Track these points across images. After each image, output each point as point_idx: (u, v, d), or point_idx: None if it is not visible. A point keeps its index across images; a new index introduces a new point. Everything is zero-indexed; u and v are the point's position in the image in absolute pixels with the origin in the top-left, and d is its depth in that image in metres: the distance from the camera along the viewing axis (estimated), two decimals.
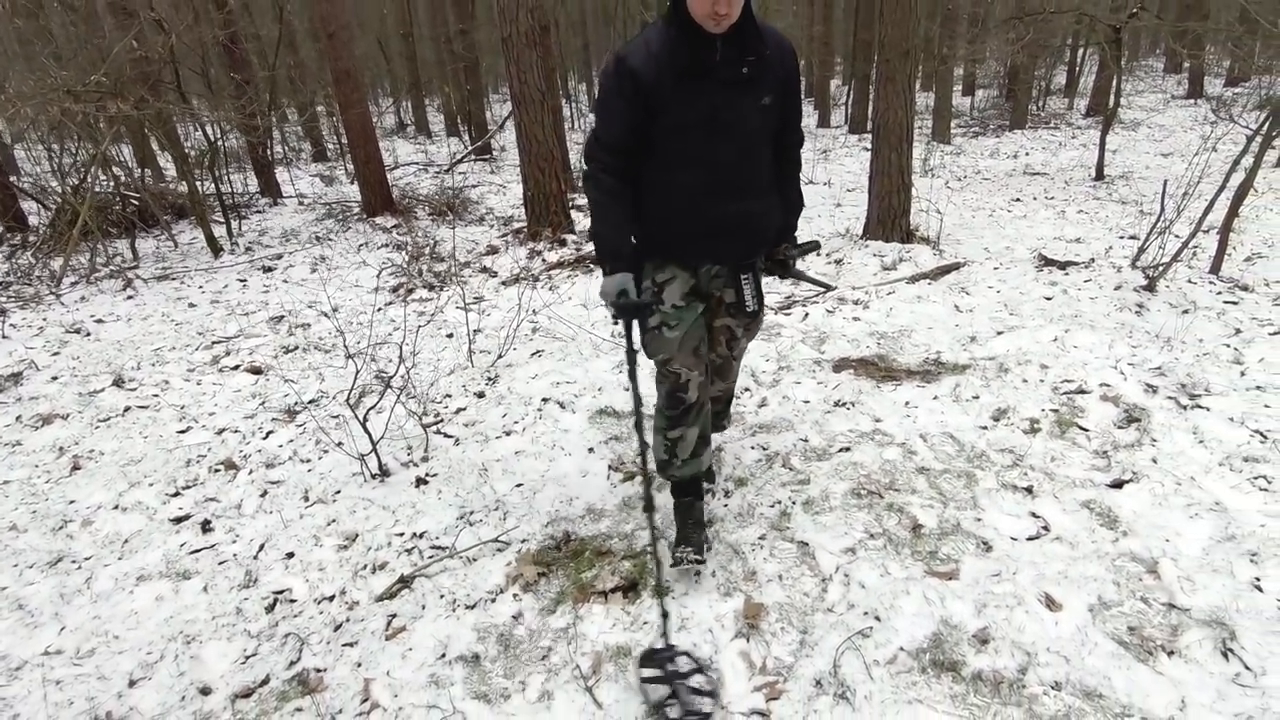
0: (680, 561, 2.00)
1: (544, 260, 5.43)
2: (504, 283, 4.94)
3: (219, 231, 6.74)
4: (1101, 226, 5.89)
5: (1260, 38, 12.43)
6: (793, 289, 4.52)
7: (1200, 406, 2.75)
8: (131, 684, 1.83)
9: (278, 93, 10.94)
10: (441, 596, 2.06)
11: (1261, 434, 2.55)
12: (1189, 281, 4.22)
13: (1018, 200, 6.93)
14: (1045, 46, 11.67)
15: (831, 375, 3.30)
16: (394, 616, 2.00)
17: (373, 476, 2.65)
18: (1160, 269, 4.16)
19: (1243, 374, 3.06)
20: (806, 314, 4.08)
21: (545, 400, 3.16)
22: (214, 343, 4.19)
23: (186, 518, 2.51)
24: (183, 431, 3.13)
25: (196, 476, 2.77)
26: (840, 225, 5.99)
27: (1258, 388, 2.91)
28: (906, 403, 3.00)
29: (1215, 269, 4.40)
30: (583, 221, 6.42)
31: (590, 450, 2.78)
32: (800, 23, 18.00)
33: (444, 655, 1.86)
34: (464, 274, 5.25)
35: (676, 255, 1.97)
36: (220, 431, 3.09)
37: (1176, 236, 4.49)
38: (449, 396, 3.26)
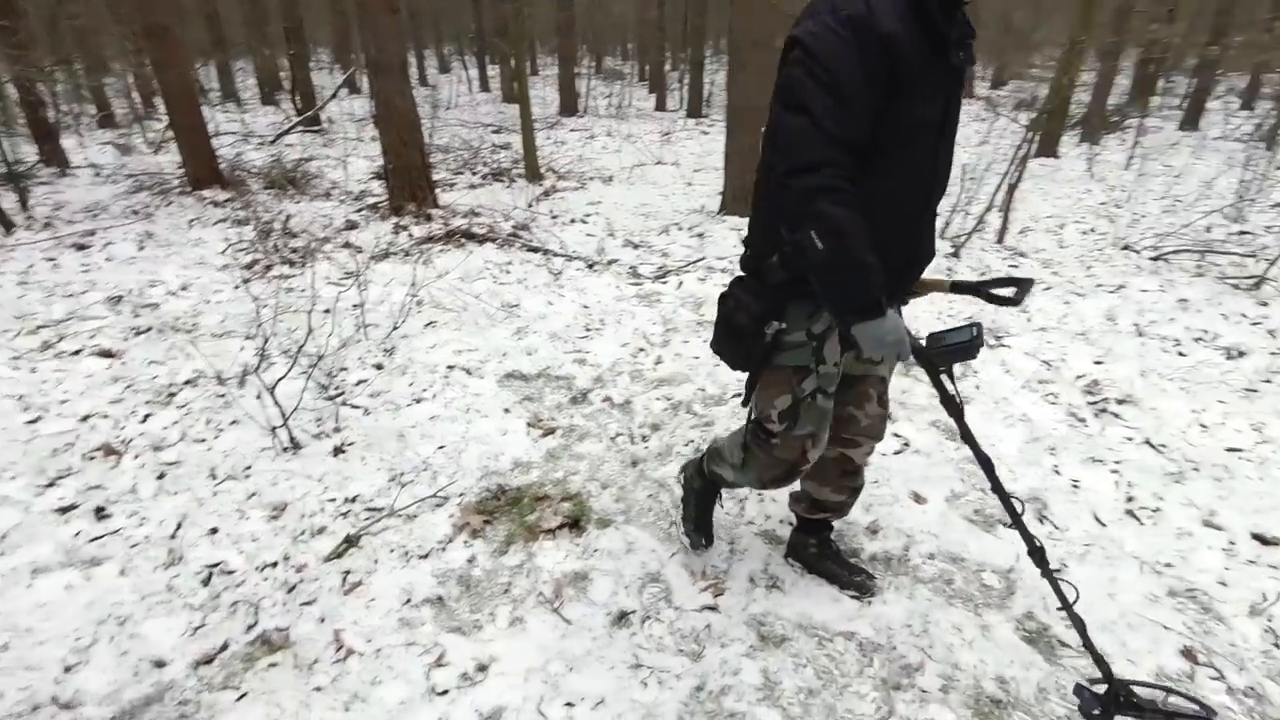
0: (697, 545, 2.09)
1: (411, 235, 5.32)
2: (373, 258, 4.80)
3: (7, 205, 5.80)
4: None
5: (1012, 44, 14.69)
6: (680, 266, 4.84)
7: (1004, 345, 3.44)
8: (68, 669, 1.72)
9: (61, 45, 9.42)
10: (392, 551, 2.12)
11: (1048, 363, 3.26)
12: (982, 250, 5.10)
13: None
14: None
15: None
16: (348, 573, 2.03)
17: (284, 450, 2.58)
18: (963, 239, 5.00)
19: (1029, 320, 3.83)
20: (681, 282, 4.42)
21: (451, 368, 3.21)
22: (39, 327, 3.70)
23: (73, 507, 2.30)
24: (32, 421, 2.81)
25: (70, 466, 2.52)
26: (695, 203, 6.42)
27: (1040, 329, 3.67)
28: None
29: (1000, 239, 5.34)
30: (467, 198, 6.31)
31: (506, 410, 2.90)
32: (633, 7, 18.48)
33: (409, 600, 1.94)
34: (325, 249, 5.01)
35: None
36: (86, 418, 2.81)
37: (970, 214, 5.39)
38: (344, 370, 3.20)
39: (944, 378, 1.47)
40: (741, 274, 1.63)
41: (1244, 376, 3.23)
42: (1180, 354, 3.47)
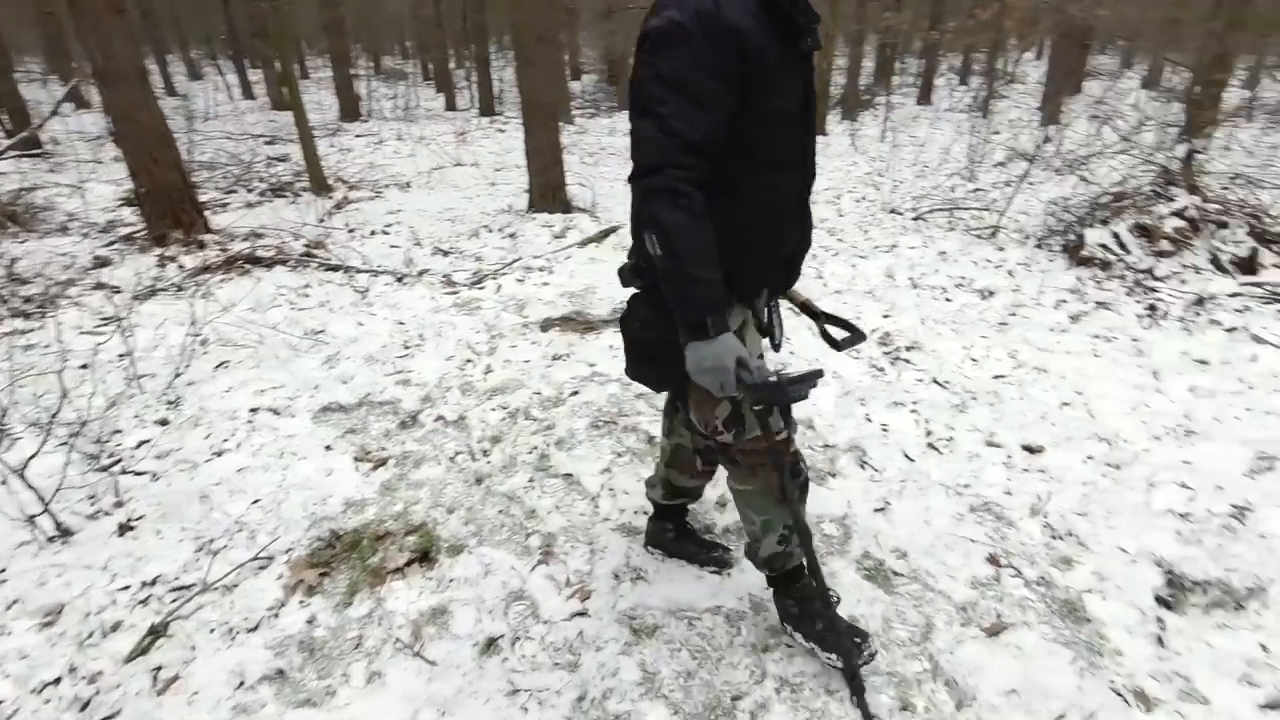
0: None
1: (181, 267, 4.66)
2: (136, 297, 4.14)
3: None
4: None
5: None
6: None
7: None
8: None
9: None
10: (212, 631, 1.85)
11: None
12: None
13: None
14: (635, 37, 13.45)
15: (541, 335, 3.60)
16: (159, 669, 1.74)
17: (51, 540, 2.15)
18: None
19: (824, 285, 4.19)
20: (500, 286, 4.30)
21: (254, 411, 2.86)
22: None
23: None
24: None
25: None
26: (502, 203, 6.29)
27: (836, 292, 4.04)
28: (610, 346, 3.45)
29: None
30: (246, 218, 5.61)
31: (328, 448, 2.64)
32: (407, 3, 17.60)
33: (242, 683, 1.70)
34: (70, 294, 4.24)
35: (753, 288, 1.47)
36: None
37: None
38: (118, 433, 2.73)
39: (770, 418, 1.42)
40: (636, 290, 1.52)
41: (996, 313, 3.80)
42: (947, 300, 4.00)
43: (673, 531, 2.06)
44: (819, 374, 1.36)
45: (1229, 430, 2.65)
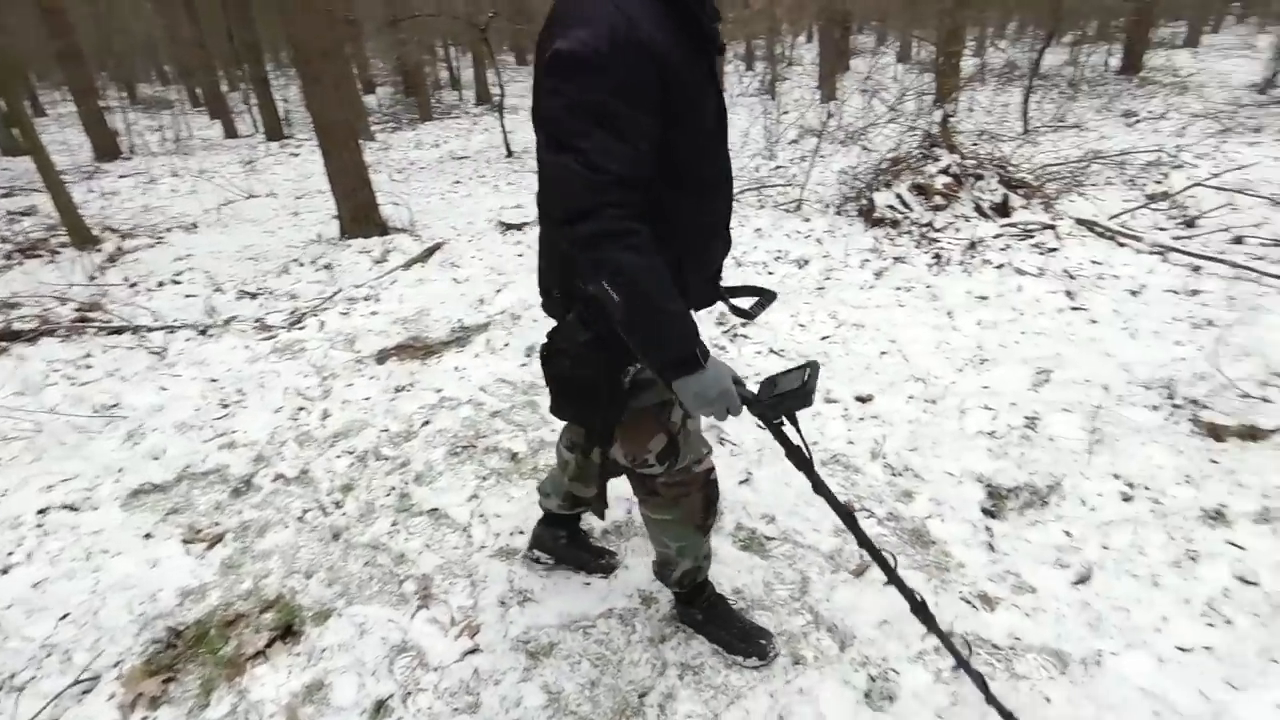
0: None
1: None
2: None
3: None
4: (529, 192, 7.16)
5: None
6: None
7: None
8: None
9: None
10: None
11: None
12: None
13: (458, 182, 7.81)
14: (427, 45, 12.98)
15: (379, 368, 3.40)
16: None
17: None
18: None
19: None
20: (322, 323, 4.00)
21: (44, 512, 2.44)
22: None
23: None
24: None
25: None
26: (309, 233, 5.83)
27: None
28: (455, 368, 3.33)
29: None
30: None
31: (148, 536, 2.32)
32: (158, 25, 15.69)
33: None
34: None
35: (693, 310, 1.39)
36: None
37: None
38: None
39: (786, 428, 1.34)
40: (558, 325, 1.42)
41: (813, 279, 4.12)
42: (770, 273, 4.28)
43: (565, 538, 2.03)
44: (812, 365, 1.30)
45: (1012, 353, 3.07)
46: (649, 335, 1.19)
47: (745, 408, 1.27)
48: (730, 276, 4.11)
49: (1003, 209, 4.75)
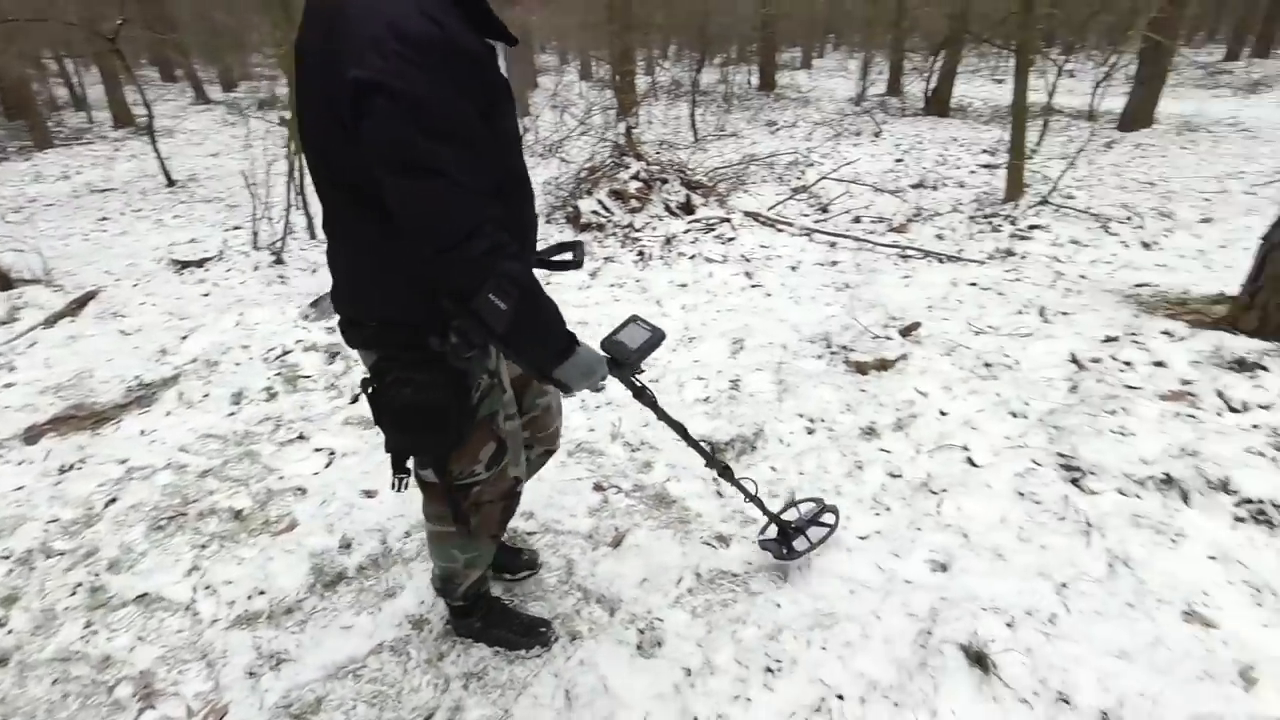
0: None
1: None
2: None
3: None
4: (204, 224, 6.28)
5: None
6: None
7: None
8: None
9: None
10: None
11: None
12: (301, 249, 5.14)
13: (106, 219, 6.54)
14: (31, 57, 10.57)
15: (29, 449, 2.76)
16: None
17: None
18: (278, 243, 4.92)
19: None
20: None
21: None
22: None
23: None
24: None
25: None
26: None
27: None
28: (141, 432, 2.85)
29: (312, 235, 5.46)
30: None
31: None
32: None
33: None
34: None
35: None
36: None
37: (272, 220, 5.32)
38: None
39: (633, 379, 1.52)
40: (381, 343, 1.31)
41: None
42: None
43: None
44: (634, 317, 1.52)
45: (712, 330, 3.54)
46: (535, 336, 1.25)
47: (610, 371, 1.42)
48: None
49: (687, 207, 5.40)
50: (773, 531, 1.98)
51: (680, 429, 1.75)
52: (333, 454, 2.63)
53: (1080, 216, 4.93)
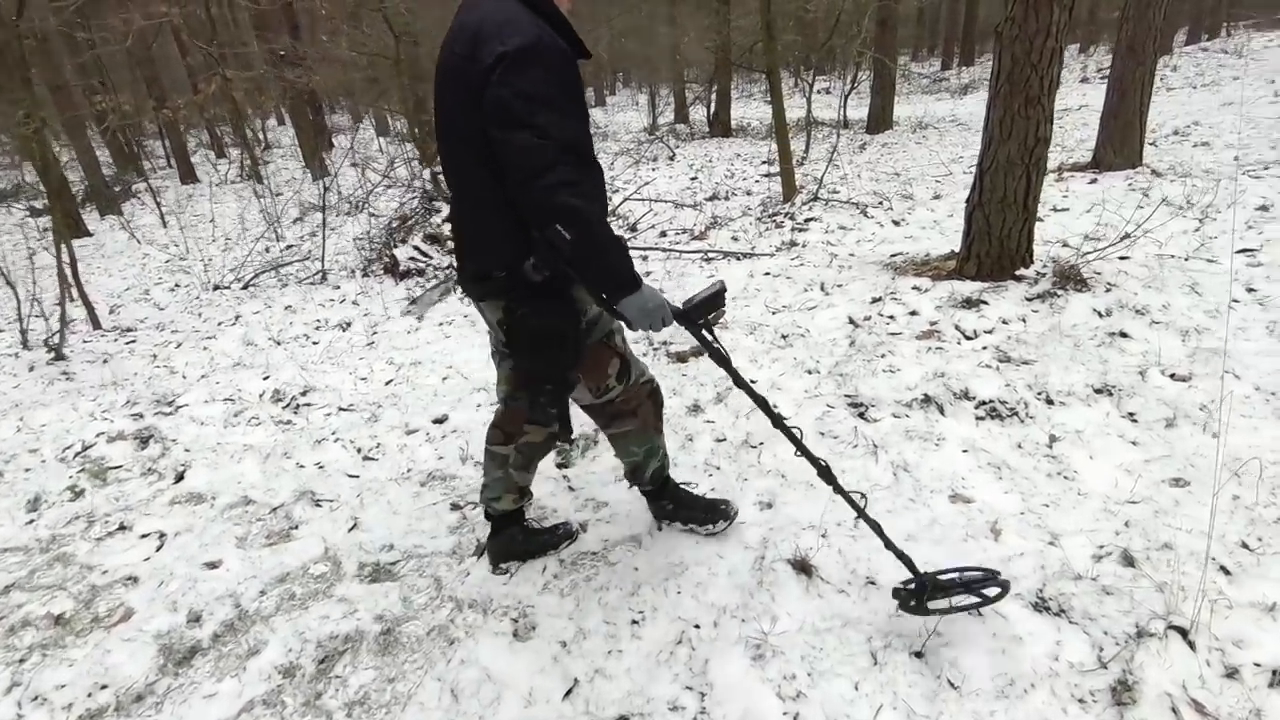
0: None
1: None
2: None
3: None
4: None
5: None
6: None
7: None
8: None
9: None
10: None
11: (232, 399, 3.45)
12: (85, 340, 4.67)
13: None
14: None
15: None
16: None
17: None
18: (55, 339, 4.44)
19: (183, 377, 3.87)
20: None
21: None
22: None
23: None
24: None
25: None
26: None
27: (202, 376, 3.79)
28: None
29: (96, 325, 4.98)
30: None
31: None
32: None
33: None
34: None
35: None
36: None
37: (46, 316, 4.79)
38: None
39: (705, 333, 1.68)
40: (510, 290, 1.63)
41: (361, 337, 4.24)
42: (314, 343, 4.23)
43: (520, 534, 2.16)
44: (720, 282, 1.72)
45: None
46: (600, 264, 1.50)
47: (675, 319, 1.62)
48: (275, 357, 3.94)
49: None
50: (912, 584, 1.71)
51: (763, 403, 1.78)
52: (163, 536, 2.48)
53: (845, 206, 5.73)
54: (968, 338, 3.09)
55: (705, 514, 2.16)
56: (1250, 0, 28.46)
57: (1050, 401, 2.60)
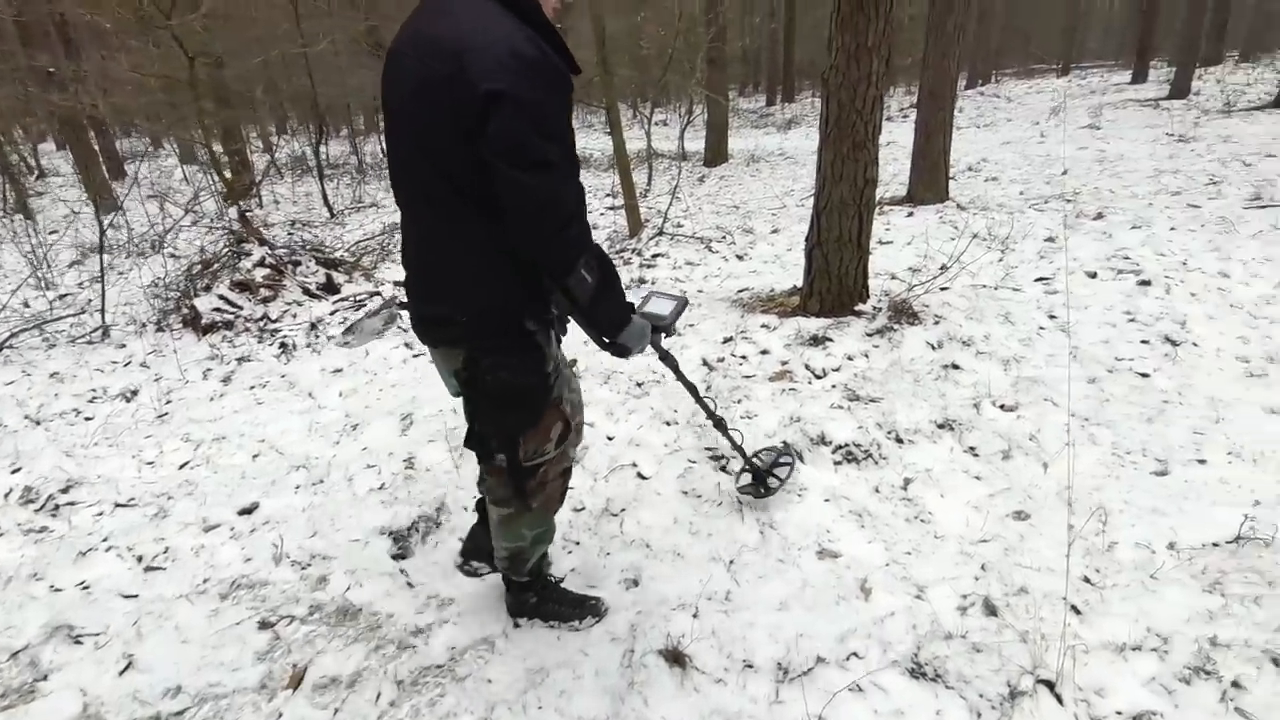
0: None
1: None
2: None
3: None
4: None
5: None
6: None
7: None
8: None
9: None
10: None
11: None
12: None
13: None
14: None
15: None
16: None
17: None
18: None
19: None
20: None
21: None
22: None
23: None
24: None
25: None
26: None
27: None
28: None
29: None
30: None
31: None
32: None
33: None
34: None
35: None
36: None
37: None
38: None
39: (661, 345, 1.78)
40: (472, 337, 1.48)
41: (149, 409, 3.58)
42: (87, 419, 3.51)
43: (535, 596, 1.95)
44: (651, 291, 1.83)
45: (378, 410, 3.32)
46: (611, 304, 1.48)
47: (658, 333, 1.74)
48: (32, 441, 3.21)
49: (330, 287, 5.04)
50: (746, 479, 2.32)
51: (691, 388, 2.04)
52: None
53: (690, 241, 5.79)
54: (818, 376, 3.12)
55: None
56: (1010, 51, 33.34)
57: (900, 440, 2.64)
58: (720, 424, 2.23)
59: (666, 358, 1.87)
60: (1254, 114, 11.51)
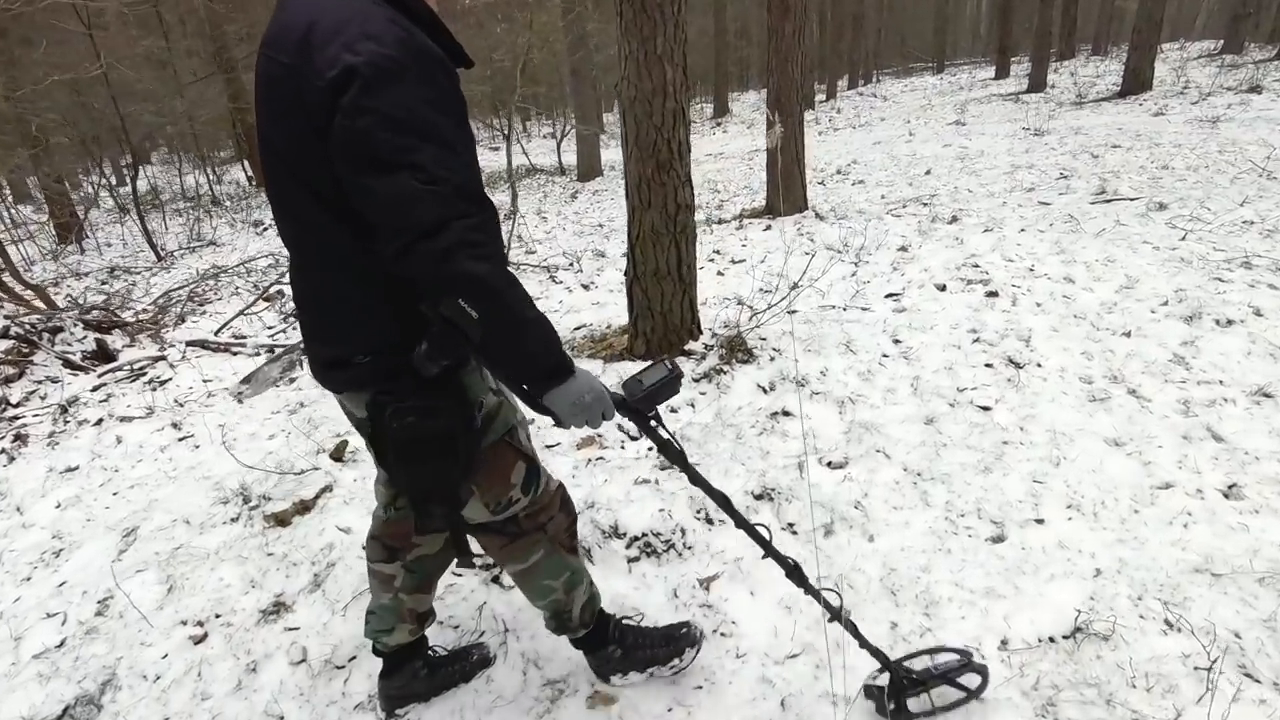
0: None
1: None
2: None
3: None
4: None
5: None
6: None
7: None
8: None
9: None
10: None
11: None
12: None
13: None
14: None
15: None
16: None
17: None
18: None
19: None
20: None
21: None
22: None
23: None
24: None
25: None
26: None
27: None
28: None
29: None
30: None
31: None
32: None
33: None
34: None
35: None
36: None
37: None
38: None
39: (660, 429, 1.36)
40: (375, 379, 1.22)
41: None
42: None
43: (425, 667, 1.67)
44: (671, 361, 1.35)
45: (98, 526, 2.65)
46: (516, 348, 1.14)
47: (617, 410, 1.29)
48: None
49: (104, 354, 4.27)
50: (884, 679, 1.54)
51: (724, 502, 1.47)
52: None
53: (536, 270, 5.29)
54: (633, 439, 2.68)
55: (666, 646, 1.65)
56: (889, 52, 34.70)
57: (710, 521, 2.22)
58: (795, 573, 1.49)
59: (667, 448, 1.38)
60: (1102, 105, 12.09)
